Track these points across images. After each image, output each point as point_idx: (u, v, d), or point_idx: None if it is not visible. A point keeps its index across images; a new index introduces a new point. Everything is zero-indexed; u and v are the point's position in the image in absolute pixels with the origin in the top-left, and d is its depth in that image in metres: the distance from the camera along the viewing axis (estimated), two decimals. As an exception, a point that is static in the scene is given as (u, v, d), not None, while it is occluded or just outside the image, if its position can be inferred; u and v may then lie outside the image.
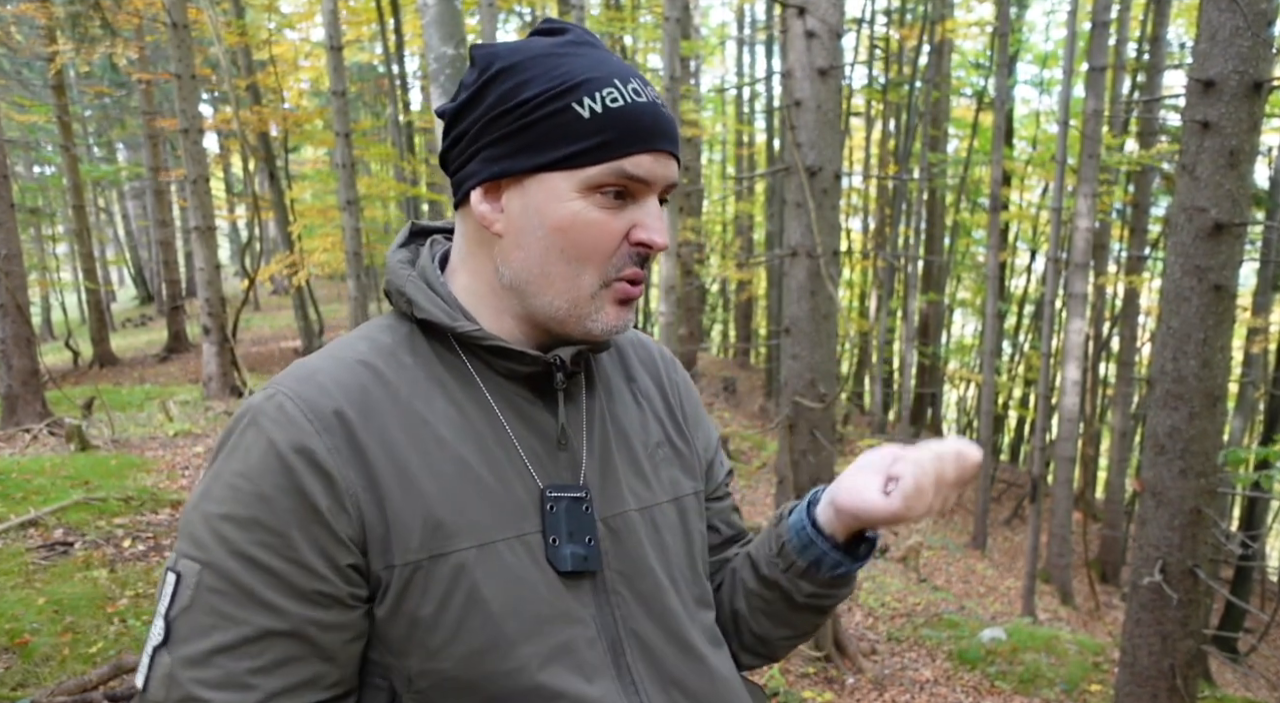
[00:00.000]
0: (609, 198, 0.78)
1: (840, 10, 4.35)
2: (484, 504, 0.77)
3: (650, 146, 0.78)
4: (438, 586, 0.74)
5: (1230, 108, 3.37)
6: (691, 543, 0.93)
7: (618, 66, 0.80)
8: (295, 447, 0.72)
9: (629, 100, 0.78)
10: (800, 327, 4.52)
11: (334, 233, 14.43)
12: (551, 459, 0.83)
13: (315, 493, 0.71)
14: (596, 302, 0.81)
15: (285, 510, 0.71)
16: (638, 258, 0.81)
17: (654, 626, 0.85)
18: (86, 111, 22.76)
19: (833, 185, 4.47)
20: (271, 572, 0.71)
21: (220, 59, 11.48)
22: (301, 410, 0.74)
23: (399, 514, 0.74)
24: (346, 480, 0.73)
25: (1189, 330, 3.55)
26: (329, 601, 0.72)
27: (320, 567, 0.72)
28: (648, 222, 0.80)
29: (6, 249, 7.78)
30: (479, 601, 0.75)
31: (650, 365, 1.00)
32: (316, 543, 0.71)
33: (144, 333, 20.03)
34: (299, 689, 0.72)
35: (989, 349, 11.18)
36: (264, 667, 0.70)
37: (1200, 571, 3.70)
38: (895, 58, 16.04)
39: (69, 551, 4.75)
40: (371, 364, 0.79)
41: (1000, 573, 10.44)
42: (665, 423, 0.96)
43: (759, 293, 20.95)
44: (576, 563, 0.80)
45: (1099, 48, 8.97)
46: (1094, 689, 5.18)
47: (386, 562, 0.74)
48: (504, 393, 0.83)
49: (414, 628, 0.74)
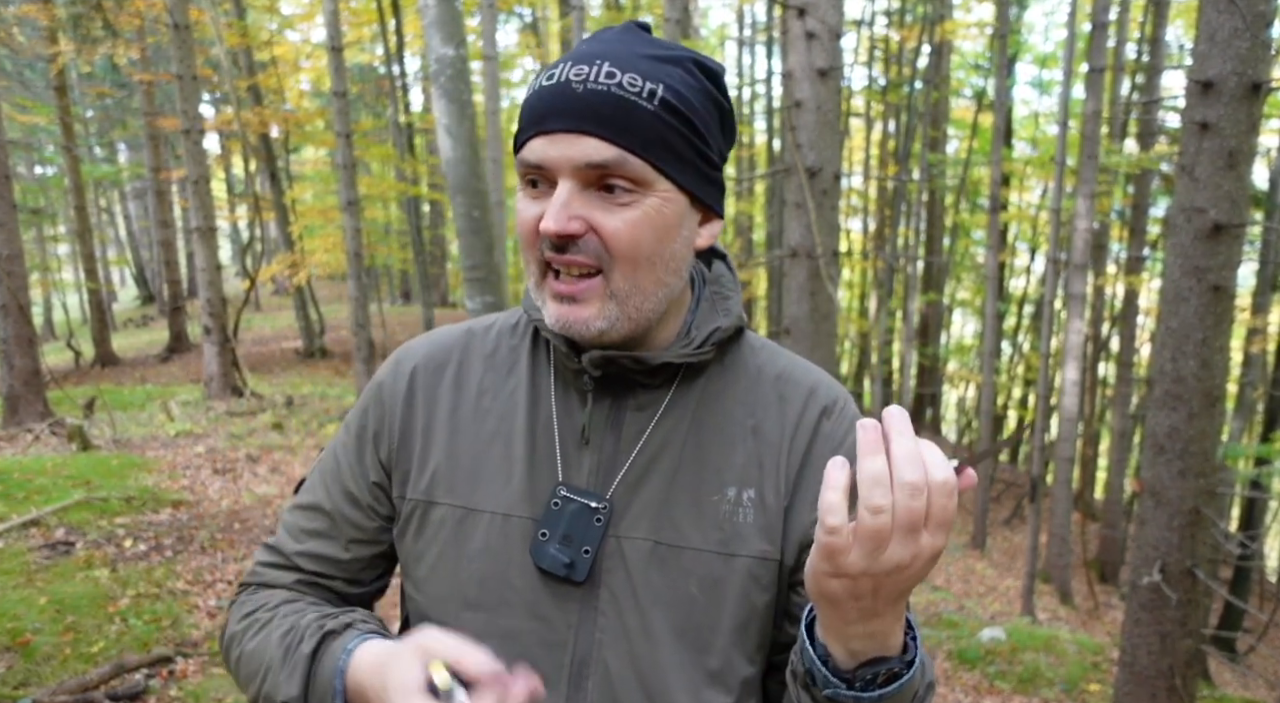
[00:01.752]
0: (530, 187, 0.78)
1: (840, 11, 4.36)
2: (492, 476, 0.84)
3: (541, 129, 0.75)
4: (429, 529, 0.85)
5: (1229, 109, 3.38)
6: (736, 609, 0.80)
7: (567, 56, 0.78)
8: (378, 383, 0.92)
9: (537, 87, 0.77)
10: (800, 327, 4.53)
11: (334, 233, 14.45)
12: (577, 459, 0.83)
13: (372, 420, 0.90)
14: (541, 293, 0.81)
15: (358, 425, 0.91)
16: (549, 243, 0.76)
17: (630, 666, 0.78)
18: (88, 112, 22.78)
19: (832, 186, 4.48)
20: (338, 465, 0.91)
21: (221, 60, 11.49)
22: (398, 358, 0.92)
23: (421, 458, 0.86)
24: (393, 417, 0.88)
25: (1188, 331, 3.56)
26: (355, 502, 0.90)
27: (358, 473, 0.89)
28: (547, 208, 0.75)
29: (8, 249, 7.79)
30: (451, 556, 0.83)
31: (788, 405, 0.86)
32: (361, 456, 0.90)
33: (145, 333, 20.04)
34: (321, 560, 0.90)
35: (988, 349, 11.19)
36: (309, 530, 0.91)
37: (1199, 571, 3.71)
38: (895, 59, 16.06)
39: (70, 550, 4.76)
40: (473, 335, 0.92)
41: (1000, 573, 10.44)
42: (766, 472, 0.83)
43: (759, 293, 20.94)
44: (554, 566, 0.78)
45: (1098, 49, 8.98)
46: (1093, 689, 5.19)
47: (401, 492, 0.87)
48: (566, 387, 0.86)
49: (408, 557, 0.87)
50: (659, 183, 0.77)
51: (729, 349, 0.89)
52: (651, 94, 0.75)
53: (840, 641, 0.66)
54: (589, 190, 0.76)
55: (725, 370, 0.87)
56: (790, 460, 0.84)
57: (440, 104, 5.29)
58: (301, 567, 0.91)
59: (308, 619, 0.82)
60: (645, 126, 0.75)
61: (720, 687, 0.80)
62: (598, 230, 0.76)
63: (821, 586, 0.62)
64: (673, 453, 0.82)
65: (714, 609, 0.79)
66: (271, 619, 0.85)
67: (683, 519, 0.80)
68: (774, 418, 0.85)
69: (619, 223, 0.76)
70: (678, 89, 0.77)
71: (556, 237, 0.75)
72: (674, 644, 0.79)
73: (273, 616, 0.86)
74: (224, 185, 24.56)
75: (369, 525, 0.90)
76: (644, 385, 0.84)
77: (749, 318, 5.36)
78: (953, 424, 21.66)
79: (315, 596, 0.91)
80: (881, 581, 0.60)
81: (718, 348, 0.86)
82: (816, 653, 0.68)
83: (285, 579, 0.91)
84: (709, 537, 0.80)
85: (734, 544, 0.80)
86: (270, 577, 0.92)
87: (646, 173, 0.76)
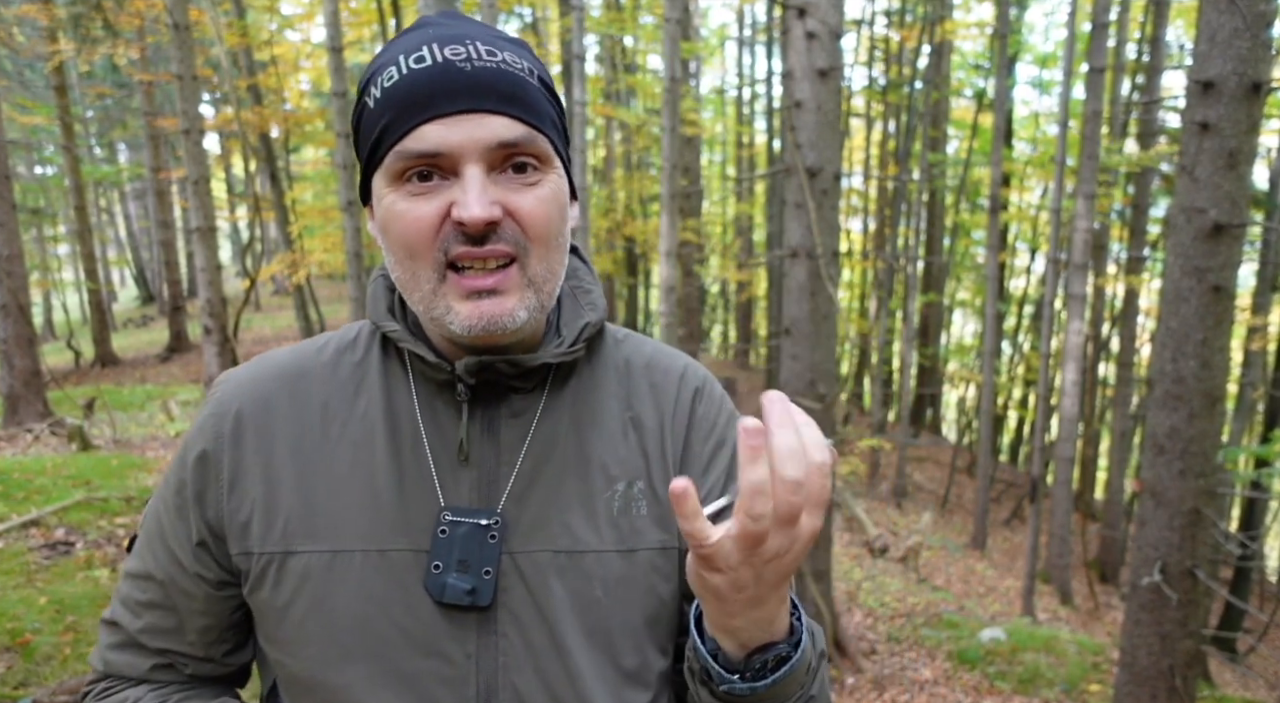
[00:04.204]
0: (415, 182, 0.70)
1: (840, 11, 4.36)
2: (360, 512, 0.75)
3: (432, 113, 0.68)
4: (287, 582, 0.75)
5: (1229, 109, 3.38)
6: (639, 605, 0.78)
7: (411, 41, 0.72)
8: (198, 430, 0.80)
9: (405, 71, 0.70)
10: (800, 327, 4.53)
11: (334, 233, 14.45)
12: (454, 477, 0.76)
13: (192, 474, 0.78)
14: (442, 299, 0.72)
15: (176, 481, 0.80)
16: (462, 237, 0.70)
17: (540, 684, 0.74)
18: (88, 112, 22.78)
19: (832, 186, 4.48)
20: (160, 526, 0.81)
21: (221, 60, 11.49)
22: (218, 397, 0.80)
23: (267, 506, 0.76)
24: (219, 467, 0.77)
25: (1188, 331, 3.56)
26: (180, 567, 0.79)
27: (180, 536, 0.79)
28: (459, 196, 0.69)
29: (8, 250, 7.79)
30: (322, 606, 0.73)
31: (661, 393, 0.85)
32: (183, 515, 0.79)
33: (145, 333, 20.04)
34: (163, 634, 0.81)
35: (989, 350, 11.19)
36: (144, 602, 0.81)
37: (1199, 571, 3.70)
38: (895, 59, 16.05)
39: (70, 550, 4.76)
40: (303, 361, 0.82)
41: (1000, 573, 10.44)
42: (651, 461, 0.81)
43: (759, 293, 20.94)
44: (455, 596, 0.72)
45: (1098, 49, 8.98)
46: (1093, 689, 5.19)
47: (244, 548, 0.76)
48: (430, 400, 0.78)
49: (267, 617, 0.77)
50: (553, 160, 0.75)
51: (595, 344, 0.85)
52: (530, 72, 0.73)
53: (728, 633, 0.66)
54: (493, 173, 0.71)
55: (594, 366, 0.84)
56: (673, 447, 0.82)
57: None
58: (148, 646, 0.81)
59: None
60: (538, 103, 0.73)
61: (639, 685, 0.78)
62: (514, 213, 0.71)
63: (703, 582, 0.62)
64: (557, 457, 0.78)
65: (622, 609, 0.77)
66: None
67: (577, 523, 0.77)
68: (650, 407, 0.83)
69: (534, 203, 0.71)
70: (540, 70, 0.75)
71: (484, 225, 0.68)
72: (586, 651, 0.75)
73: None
74: (224, 185, 24.56)
75: (198, 593, 0.79)
76: (517, 390, 0.78)
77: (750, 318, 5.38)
78: (953, 424, 21.65)
79: (178, 688, 0.82)
80: (761, 569, 0.60)
81: (587, 344, 0.82)
82: (707, 649, 0.68)
83: (139, 667, 0.82)
84: (606, 537, 0.77)
85: (632, 540, 0.78)
86: (121, 666, 0.82)
87: (548, 150, 0.73)
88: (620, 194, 15.91)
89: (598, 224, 14.73)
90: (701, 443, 0.84)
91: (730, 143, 22.90)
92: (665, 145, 8.40)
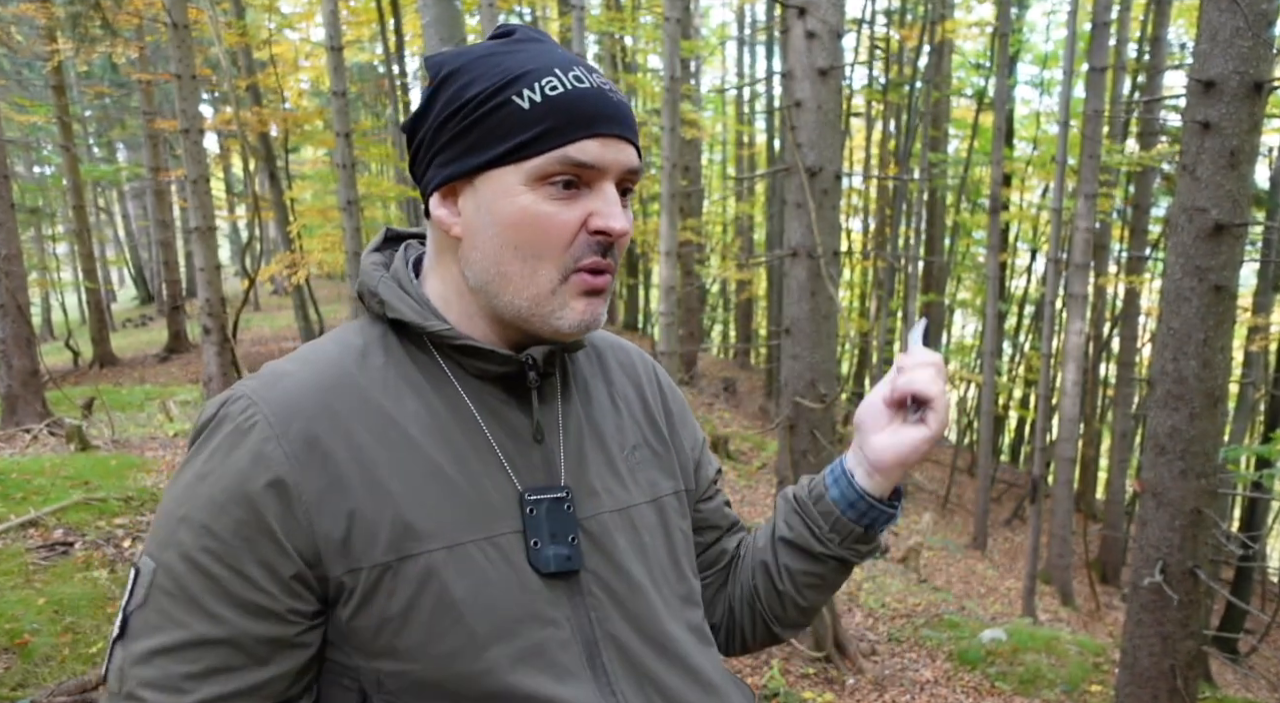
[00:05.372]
0: (559, 188, 0.76)
1: (841, 11, 4.35)
2: (454, 505, 0.77)
3: (595, 131, 0.76)
4: (406, 587, 0.74)
5: (1230, 108, 3.37)
6: (673, 542, 0.93)
7: (559, 57, 0.79)
8: (253, 453, 0.72)
9: (570, 86, 0.77)
10: (800, 327, 4.52)
11: (334, 233, 14.44)
12: (526, 459, 0.83)
13: (265, 502, 0.71)
14: (559, 297, 0.79)
15: (234, 519, 0.71)
16: (598, 247, 0.78)
17: (630, 627, 0.84)
18: (86, 112, 22.78)
19: (833, 186, 4.47)
20: (214, 579, 0.70)
21: (220, 59, 11.47)
22: (265, 415, 0.74)
23: (365, 517, 0.73)
24: (300, 488, 0.72)
25: (1189, 331, 3.55)
26: (265, 613, 0.71)
27: (261, 579, 0.71)
28: (604, 209, 0.78)
29: (7, 249, 7.78)
30: (448, 602, 0.74)
31: (629, 369, 1.00)
32: (259, 554, 0.71)
33: (144, 333, 20.03)
34: (232, 698, 0.71)
35: (989, 350, 11.18)
36: (199, 673, 0.70)
37: (1201, 571, 3.69)
38: (895, 58, 16.04)
39: (69, 551, 4.75)
40: (341, 366, 0.79)
41: (1000, 574, 10.44)
42: (643, 426, 0.96)
43: (759, 293, 20.94)
44: (560, 564, 0.80)
45: (1099, 48, 8.97)
46: (1094, 690, 5.18)
47: (349, 566, 0.73)
48: (478, 394, 0.82)
49: (383, 630, 0.74)
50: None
51: None
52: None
53: (893, 480, 0.93)
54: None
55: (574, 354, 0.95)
56: (656, 408, 0.99)
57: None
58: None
59: None
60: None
61: (693, 604, 0.93)
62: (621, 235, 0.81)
63: (924, 452, 0.90)
64: (585, 433, 0.89)
65: (666, 548, 0.91)
66: None
67: (614, 486, 0.88)
68: (626, 382, 0.98)
69: (629, 227, 0.81)
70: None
71: (621, 236, 0.79)
72: (652, 589, 0.87)
73: None
74: (223, 185, 24.56)
75: (289, 633, 0.73)
76: (546, 376, 0.87)
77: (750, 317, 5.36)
78: (953, 424, 21.65)
79: None
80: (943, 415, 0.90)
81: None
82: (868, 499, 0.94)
83: None
84: (635, 492, 0.90)
85: (653, 491, 0.92)
86: None
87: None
88: (620, 194, 15.88)
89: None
90: (673, 401, 1.02)
91: (730, 142, 22.91)
92: (665, 145, 8.38)
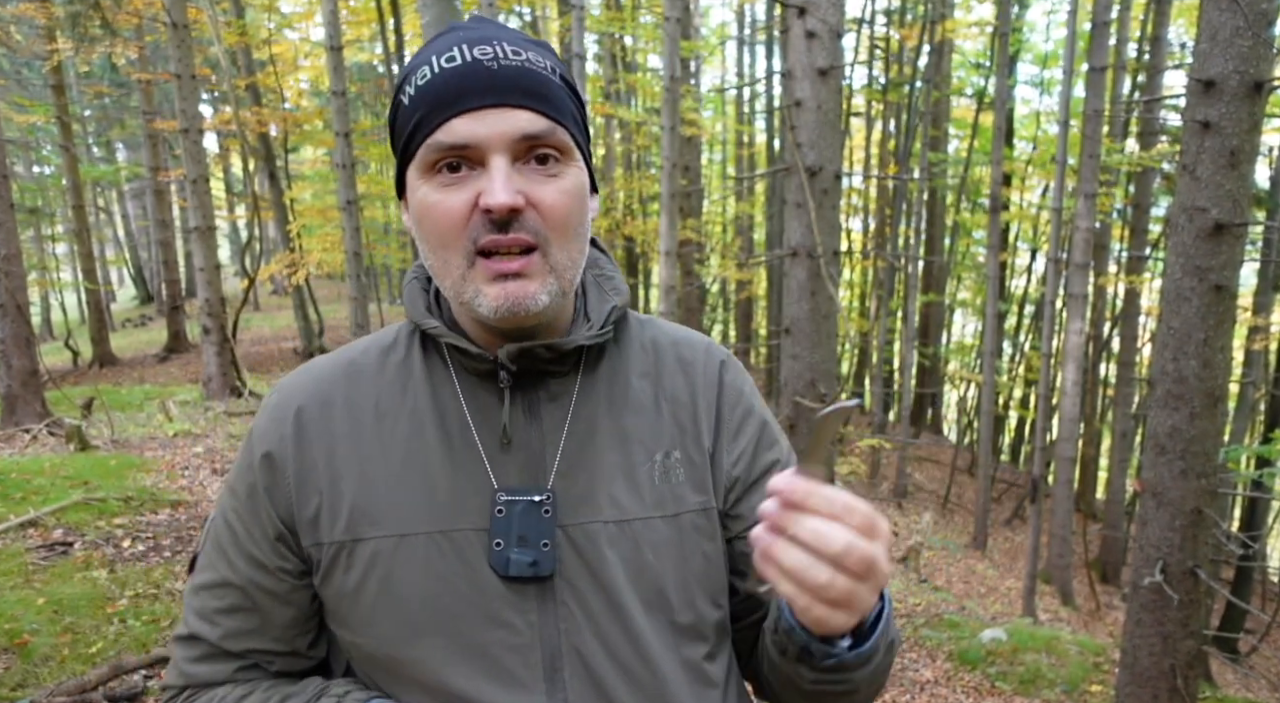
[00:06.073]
0: (445, 174, 0.76)
1: (840, 10, 4.35)
2: (418, 497, 0.80)
3: (460, 108, 0.74)
4: (357, 567, 0.80)
5: (1230, 108, 3.36)
6: (689, 565, 0.83)
7: (443, 43, 0.78)
8: (259, 432, 0.84)
9: (437, 70, 0.76)
10: (800, 327, 4.52)
11: (334, 233, 14.44)
12: (503, 460, 0.81)
13: (259, 474, 0.83)
14: (470, 284, 0.77)
15: (246, 483, 0.84)
16: (491, 226, 0.75)
17: (602, 647, 0.79)
18: (86, 111, 22.78)
19: (833, 185, 4.47)
20: (233, 532, 0.84)
21: (220, 59, 11.47)
22: (277, 401, 0.85)
23: (332, 498, 0.81)
24: (286, 465, 0.82)
25: (1189, 331, 3.55)
26: (260, 566, 0.83)
27: (259, 536, 0.83)
28: (486, 185, 0.74)
29: (6, 249, 7.78)
30: (392, 587, 0.79)
31: (689, 367, 0.91)
32: (258, 515, 0.83)
33: (144, 333, 20.03)
34: (246, 635, 0.84)
35: (989, 349, 11.18)
36: (224, 609, 0.84)
37: (1201, 571, 3.69)
38: (895, 58, 16.03)
39: (69, 551, 4.74)
40: (355, 362, 0.87)
41: (1001, 574, 10.44)
42: (686, 431, 0.87)
43: (759, 293, 20.93)
44: (519, 569, 0.78)
45: (1099, 48, 8.96)
46: (1094, 690, 5.18)
47: (315, 539, 0.82)
48: (473, 391, 0.84)
49: (340, 603, 0.82)
50: (574, 153, 0.79)
51: (621, 327, 0.91)
52: (552, 70, 0.79)
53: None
54: (516, 165, 0.76)
55: (622, 348, 0.90)
56: (707, 415, 0.89)
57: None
58: (231, 651, 0.85)
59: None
60: (559, 99, 0.78)
61: (696, 638, 0.84)
62: (535, 204, 0.76)
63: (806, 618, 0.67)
64: (597, 434, 0.84)
65: (672, 569, 0.82)
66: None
67: (622, 494, 0.82)
68: (681, 381, 0.89)
69: (555, 193, 0.77)
70: (562, 69, 0.81)
71: (508, 211, 0.73)
72: (643, 612, 0.81)
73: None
74: (223, 185, 24.55)
75: (281, 588, 0.83)
76: (553, 375, 0.84)
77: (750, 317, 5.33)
78: (953, 424, 21.65)
79: (266, 681, 0.86)
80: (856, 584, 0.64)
81: (615, 326, 0.87)
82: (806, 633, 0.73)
83: (223, 672, 0.85)
84: (650, 504, 0.83)
85: (674, 505, 0.84)
86: (205, 675, 0.85)
87: (569, 142, 0.78)
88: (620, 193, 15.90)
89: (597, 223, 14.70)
90: (731, 409, 0.90)
91: (730, 142, 22.90)
92: (665, 144, 8.38)
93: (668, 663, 0.81)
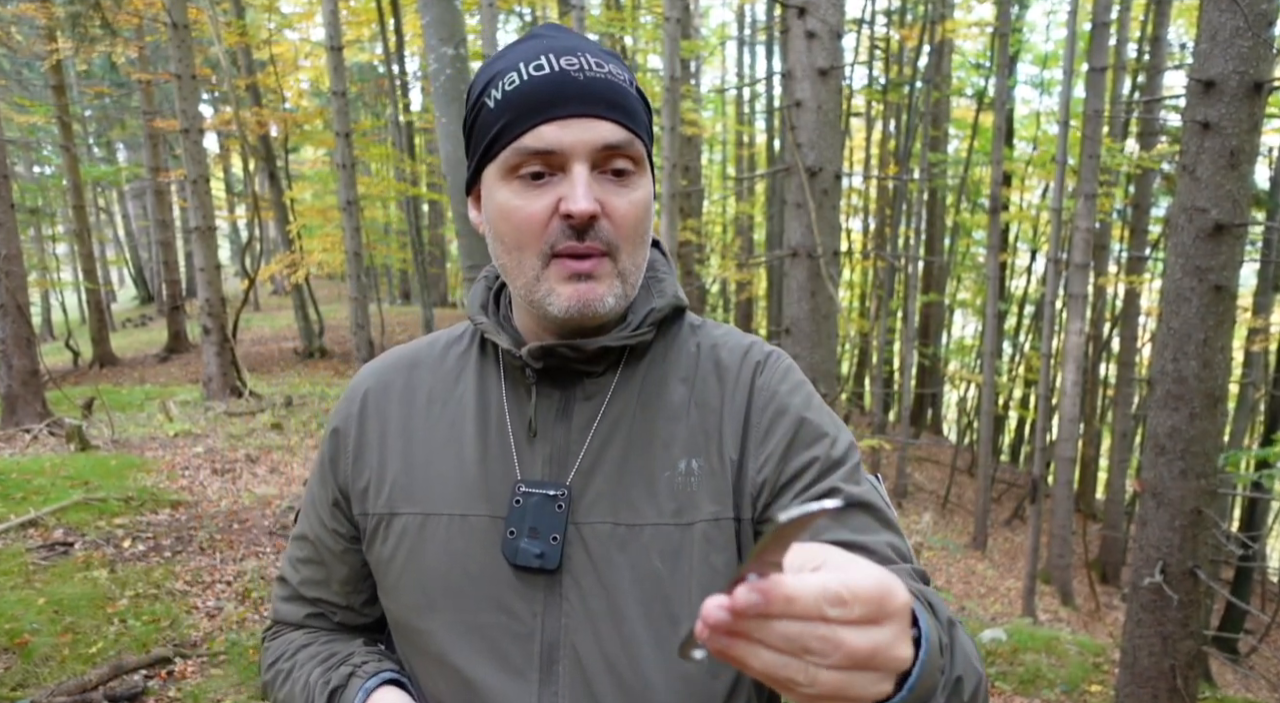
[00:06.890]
0: (527, 179, 0.78)
1: (841, 11, 4.35)
2: (448, 481, 0.86)
3: (549, 115, 0.77)
4: (391, 539, 0.87)
5: (1230, 108, 3.37)
6: (695, 575, 0.80)
7: (529, 50, 0.80)
8: (336, 409, 0.96)
9: (526, 77, 0.78)
10: (800, 327, 4.52)
11: (334, 233, 14.45)
12: (530, 453, 0.85)
13: (328, 445, 0.94)
14: (544, 283, 0.80)
15: (322, 453, 0.96)
16: (570, 231, 0.78)
17: (599, 649, 0.80)
18: (86, 112, 22.78)
19: (833, 186, 4.47)
20: (312, 494, 0.97)
21: (220, 59, 11.47)
22: (354, 383, 0.96)
23: (378, 473, 0.89)
24: (348, 439, 0.92)
25: (1189, 331, 3.55)
26: (324, 526, 0.94)
27: (322, 499, 0.94)
28: (569, 191, 0.77)
29: (6, 249, 7.78)
30: (414, 561, 0.86)
31: (726, 371, 0.87)
32: (324, 482, 0.94)
33: (144, 333, 20.02)
34: (316, 585, 0.97)
35: (989, 350, 11.17)
36: (302, 559, 0.97)
37: (1200, 571, 3.69)
38: (895, 58, 16.03)
39: (69, 551, 4.74)
40: (422, 351, 0.96)
41: (1000, 574, 10.44)
42: (710, 438, 0.84)
43: (759, 293, 20.92)
44: (526, 559, 0.81)
45: (1099, 48, 8.97)
46: (1094, 690, 5.18)
47: (363, 509, 0.90)
48: (514, 385, 0.88)
49: (378, 569, 0.90)
50: (646, 164, 0.82)
51: (670, 331, 0.91)
52: (630, 82, 0.82)
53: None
54: (595, 172, 0.78)
55: (668, 350, 0.90)
56: (733, 420, 0.85)
57: (440, 104, 5.27)
58: (305, 596, 0.97)
59: (314, 677, 0.89)
60: (637, 112, 0.81)
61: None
62: (609, 213, 0.79)
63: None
64: (623, 437, 0.84)
65: (678, 578, 0.81)
66: (291, 670, 0.93)
67: (638, 498, 0.82)
68: (713, 387, 0.87)
69: (627, 204, 0.80)
70: (635, 81, 0.84)
71: (587, 218, 0.77)
72: (644, 619, 0.80)
73: (291, 666, 0.94)
74: (223, 185, 24.56)
75: (337, 547, 0.94)
76: (589, 374, 0.86)
77: (750, 317, 5.33)
78: (953, 424, 21.65)
79: (327, 633, 0.97)
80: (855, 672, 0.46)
81: (656, 329, 0.88)
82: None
83: (297, 614, 0.98)
84: (664, 510, 0.82)
85: (687, 513, 0.82)
86: (286, 613, 0.99)
87: (643, 153, 0.81)
88: (620, 194, 15.86)
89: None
90: (760, 412, 0.86)
91: (730, 142, 22.89)
92: (665, 145, 8.38)
93: (659, 674, 0.79)
